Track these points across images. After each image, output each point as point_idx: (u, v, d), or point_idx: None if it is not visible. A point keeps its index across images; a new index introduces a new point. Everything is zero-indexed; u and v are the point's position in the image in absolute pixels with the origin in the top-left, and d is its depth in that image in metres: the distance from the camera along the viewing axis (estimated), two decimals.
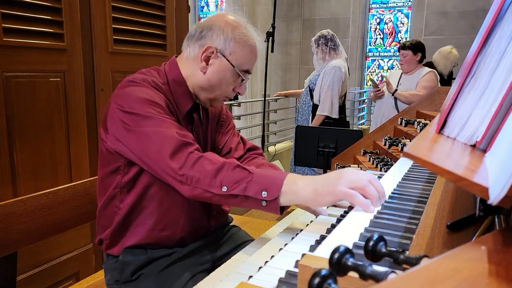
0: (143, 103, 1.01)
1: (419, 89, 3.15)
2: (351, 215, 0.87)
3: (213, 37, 1.09)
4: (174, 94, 1.11)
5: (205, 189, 0.94)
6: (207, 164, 0.95)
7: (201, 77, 1.12)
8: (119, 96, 1.04)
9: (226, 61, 1.09)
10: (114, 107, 1.03)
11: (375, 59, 8.15)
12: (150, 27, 2.09)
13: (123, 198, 1.08)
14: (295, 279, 0.66)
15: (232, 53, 1.09)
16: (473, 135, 0.57)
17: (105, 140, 1.07)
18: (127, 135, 1.01)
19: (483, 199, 0.48)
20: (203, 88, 1.13)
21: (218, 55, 1.09)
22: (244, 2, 6.80)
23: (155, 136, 0.97)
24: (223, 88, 1.13)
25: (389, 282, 0.33)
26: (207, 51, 1.09)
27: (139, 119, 0.99)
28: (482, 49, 0.67)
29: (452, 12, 7.05)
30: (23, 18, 1.54)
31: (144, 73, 1.11)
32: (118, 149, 1.05)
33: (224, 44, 1.09)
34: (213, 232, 1.23)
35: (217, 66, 1.10)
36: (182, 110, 1.13)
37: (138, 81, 1.06)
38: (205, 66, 1.10)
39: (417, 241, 0.60)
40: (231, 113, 1.36)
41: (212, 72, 1.11)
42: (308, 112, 3.44)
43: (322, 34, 3.34)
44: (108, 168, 1.09)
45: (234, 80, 1.13)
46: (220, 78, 1.11)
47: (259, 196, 0.91)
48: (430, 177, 1.13)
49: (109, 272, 1.13)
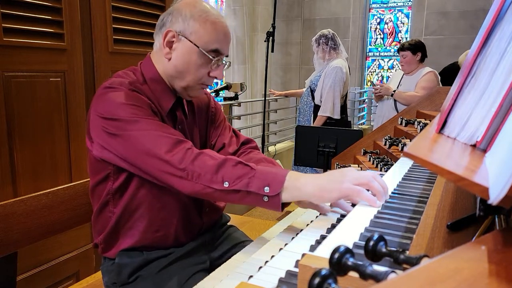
0: (125, 107, 0.97)
1: (418, 89, 3.13)
2: (351, 215, 0.87)
3: (172, 20, 1.05)
4: (154, 93, 1.08)
5: (206, 185, 0.93)
6: (207, 160, 0.94)
7: (168, 65, 1.07)
8: (99, 104, 1.00)
9: (188, 42, 1.04)
10: (95, 116, 1.00)
11: (375, 59, 8.15)
12: (150, 27, 2.09)
13: (116, 203, 1.07)
14: (295, 279, 0.66)
15: (193, 33, 1.04)
16: (473, 135, 0.57)
17: (91, 149, 1.05)
18: (113, 141, 0.98)
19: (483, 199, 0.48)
20: (173, 76, 1.08)
21: (180, 38, 1.04)
22: (244, 2, 6.79)
23: (144, 137, 0.95)
24: (193, 72, 1.06)
25: (389, 282, 0.33)
26: (168, 36, 1.05)
27: (123, 124, 0.96)
28: (482, 49, 0.67)
29: (452, 12, 7.05)
30: (23, 18, 1.54)
31: (121, 76, 1.07)
32: (104, 157, 1.02)
33: (183, 25, 1.04)
34: (209, 231, 1.22)
35: (181, 49, 1.05)
36: (165, 108, 1.09)
37: (115, 86, 1.01)
38: (169, 51, 1.06)
39: (417, 241, 0.60)
40: (220, 105, 1.34)
41: (177, 56, 1.06)
42: (309, 113, 3.44)
43: (323, 33, 3.34)
44: (98, 176, 1.07)
45: (203, 62, 1.06)
46: (186, 62, 1.05)
47: (261, 192, 0.90)
48: (430, 177, 1.13)
49: (106, 274, 1.12)
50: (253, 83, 6.85)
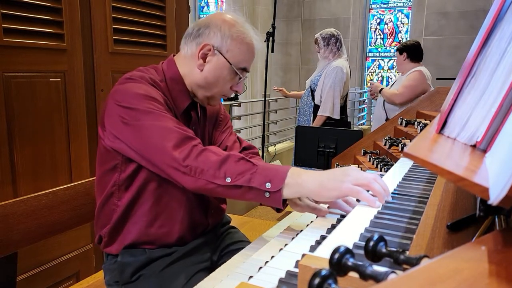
0: (142, 98, 1.01)
1: (400, 87, 3.14)
2: (351, 215, 0.87)
3: (210, 34, 1.10)
4: (171, 91, 1.12)
5: (208, 180, 0.94)
6: (211, 156, 0.96)
7: (198, 75, 1.12)
8: (117, 92, 1.04)
9: (223, 58, 1.10)
10: (112, 103, 1.03)
11: (375, 59, 8.15)
12: (150, 27, 2.09)
13: (121, 196, 1.09)
14: (295, 279, 0.66)
15: (229, 51, 1.10)
16: (473, 135, 0.57)
17: (103, 137, 1.07)
18: (125, 129, 1.01)
19: (483, 199, 0.48)
20: (201, 86, 1.13)
21: (215, 52, 1.10)
22: (244, 2, 6.79)
23: (155, 129, 0.98)
24: (220, 85, 1.13)
25: (389, 282, 0.33)
26: (204, 49, 1.10)
27: (138, 114, 0.99)
28: (482, 50, 0.67)
29: (452, 12, 7.05)
30: (23, 18, 1.54)
31: (142, 71, 1.11)
32: (115, 147, 1.05)
33: (221, 42, 1.09)
34: (211, 231, 1.23)
35: (214, 63, 1.10)
36: (180, 108, 1.13)
37: (135, 78, 1.06)
38: (202, 63, 1.11)
39: (417, 241, 0.60)
40: (229, 115, 1.37)
41: (209, 69, 1.11)
42: (309, 113, 3.44)
43: (332, 33, 3.29)
44: (106, 166, 1.09)
45: (231, 78, 1.13)
46: (217, 76, 1.11)
47: (263, 187, 0.91)
48: (431, 177, 1.13)
49: (108, 272, 1.12)
50: (253, 83, 6.85)
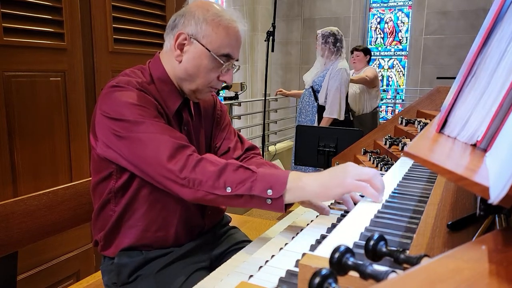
0: (131, 107, 0.97)
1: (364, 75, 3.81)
2: (351, 214, 0.87)
3: (184, 23, 1.04)
4: (161, 93, 1.07)
5: (208, 191, 0.92)
6: (209, 166, 0.94)
7: (178, 67, 1.07)
8: (105, 103, 1.00)
9: (200, 45, 1.03)
10: (101, 115, 0.99)
11: (375, 58, 8.14)
12: (151, 26, 2.09)
13: (118, 202, 1.07)
14: (295, 279, 0.66)
15: (205, 36, 1.03)
16: (474, 135, 0.57)
17: (95, 147, 1.04)
18: (118, 142, 0.97)
19: (483, 199, 0.48)
20: (183, 79, 1.08)
21: (191, 40, 1.04)
22: (244, 1, 6.78)
23: (149, 141, 0.95)
24: (203, 76, 1.06)
25: (390, 281, 0.33)
26: (179, 38, 1.04)
27: (129, 125, 0.96)
28: (482, 49, 0.67)
29: (453, 11, 7.05)
30: (24, 17, 1.54)
31: (128, 75, 1.07)
32: (108, 156, 1.02)
33: (195, 28, 1.03)
34: (210, 231, 1.22)
35: (192, 52, 1.04)
36: (171, 109, 1.08)
37: (122, 85, 1.00)
38: (180, 54, 1.05)
39: (417, 240, 0.60)
40: (226, 107, 1.34)
41: (188, 59, 1.05)
42: (312, 113, 3.43)
43: (332, 32, 3.27)
44: (101, 174, 1.07)
45: (214, 66, 1.06)
46: (197, 65, 1.05)
47: (264, 195, 0.90)
48: (431, 176, 1.13)
49: (106, 274, 1.12)
50: (253, 82, 6.85)
